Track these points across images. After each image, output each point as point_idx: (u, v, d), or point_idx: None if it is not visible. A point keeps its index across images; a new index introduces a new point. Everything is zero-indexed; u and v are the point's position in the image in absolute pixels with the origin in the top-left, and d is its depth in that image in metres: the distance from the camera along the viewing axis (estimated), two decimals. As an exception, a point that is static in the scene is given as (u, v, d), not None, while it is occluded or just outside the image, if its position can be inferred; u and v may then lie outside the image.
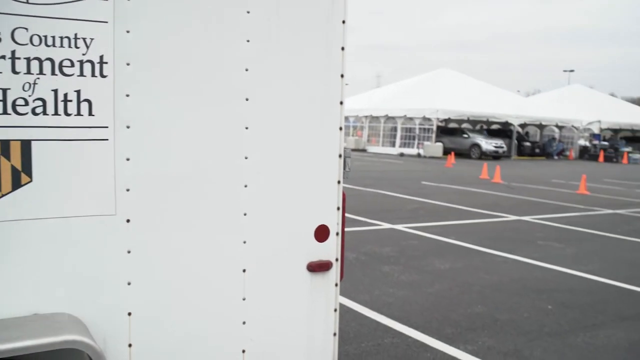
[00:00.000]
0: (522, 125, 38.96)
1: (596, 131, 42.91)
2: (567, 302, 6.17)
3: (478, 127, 41.58)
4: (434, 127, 34.52)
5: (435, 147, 33.57)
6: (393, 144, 37.38)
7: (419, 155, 34.09)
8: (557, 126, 42.29)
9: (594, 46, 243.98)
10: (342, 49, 2.53)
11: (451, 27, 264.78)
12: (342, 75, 2.54)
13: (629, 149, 41.42)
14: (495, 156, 34.12)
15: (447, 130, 36.76)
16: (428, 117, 34.63)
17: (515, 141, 37.54)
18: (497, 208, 13.10)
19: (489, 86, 42.58)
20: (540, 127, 41.72)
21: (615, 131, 49.28)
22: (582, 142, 43.19)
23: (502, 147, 34.75)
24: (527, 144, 38.88)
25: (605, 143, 41.33)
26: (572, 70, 77.90)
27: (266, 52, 2.36)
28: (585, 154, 41.05)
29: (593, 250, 9.00)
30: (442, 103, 35.01)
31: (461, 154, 34.22)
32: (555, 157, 39.62)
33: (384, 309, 5.65)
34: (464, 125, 44.73)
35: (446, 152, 34.30)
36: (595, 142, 40.96)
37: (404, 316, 5.49)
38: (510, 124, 37.80)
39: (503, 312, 5.77)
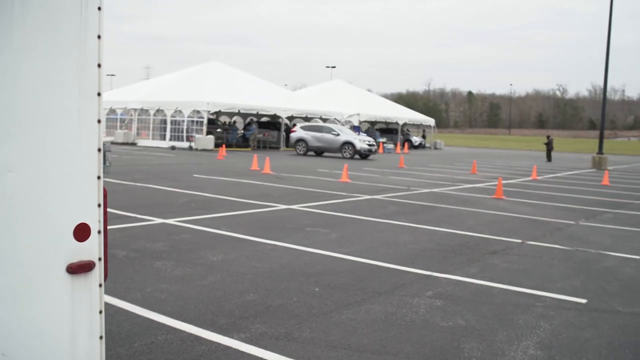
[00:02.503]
0: (290, 118, 40.61)
1: (356, 123, 46.42)
2: (332, 283, 6.59)
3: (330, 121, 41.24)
4: (205, 120, 34.50)
5: (206, 140, 33.57)
6: (164, 137, 36.64)
7: (190, 148, 33.81)
8: (321, 118, 44.88)
9: (354, 45, 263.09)
10: (99, 37, 2.39)
11: (221, 20, 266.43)
12: (99, 65, 2.41)
13: (384, 139, 45.64)
14: (366, 155, 32.36)
15: (313, 127, 34.54)
16: (198, 109, 34.53)
17: (284, 133, 38.97)
18: (268, 198, 13.52)
19: (257, 79, 43.78)
20: (307, 119, 43.90)
21: (372, 123, 53.95)
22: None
23: (374, 146, 33.16)
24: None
25: (364, 134, 44.89)
26: (334, 67, 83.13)
27: (10, 35, 2.15)
28: (347, 144, 44.09)
29: (354, 233, 9.72)
30: (212, 96, 35.16)
31: (323, 154, 33.31)
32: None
33: (156, 306, 5.52)
34: (235, 118, 45.39)
35: (311, 150, 33.35)
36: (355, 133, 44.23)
37: (178, 311, 5.42)
38: (279, 117, 39.25)
39: (274, 298, 5.99)
